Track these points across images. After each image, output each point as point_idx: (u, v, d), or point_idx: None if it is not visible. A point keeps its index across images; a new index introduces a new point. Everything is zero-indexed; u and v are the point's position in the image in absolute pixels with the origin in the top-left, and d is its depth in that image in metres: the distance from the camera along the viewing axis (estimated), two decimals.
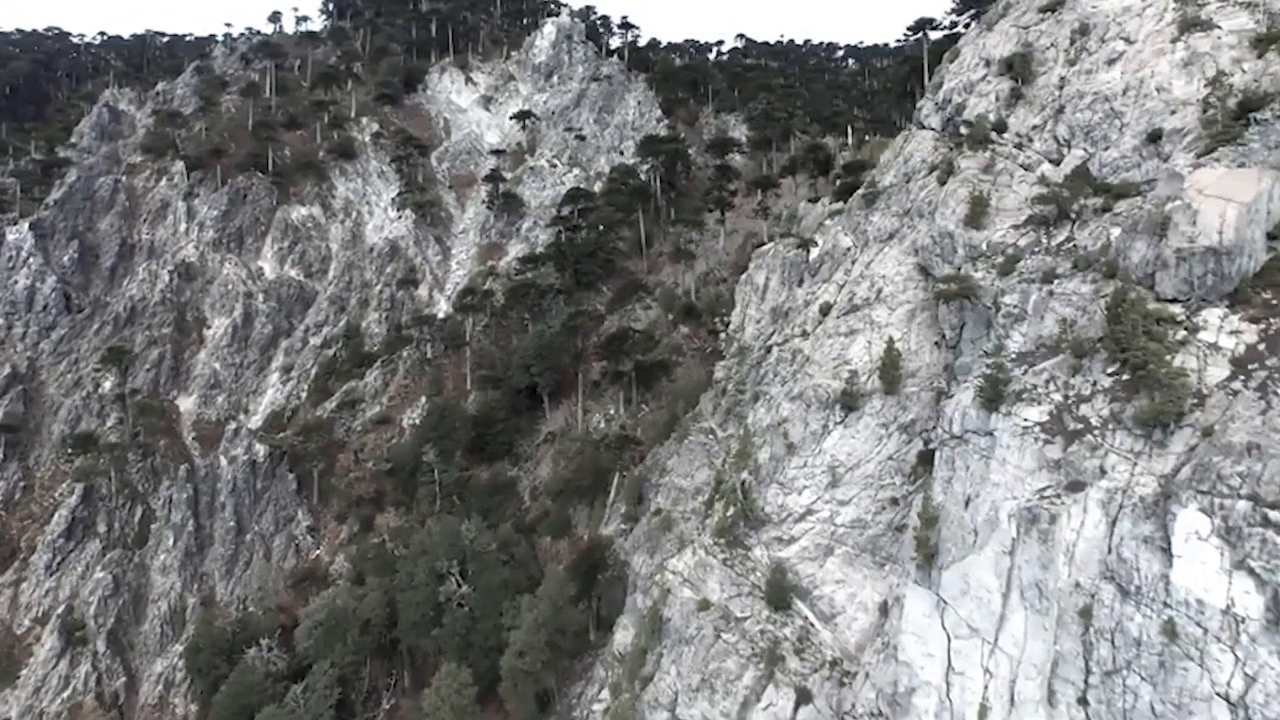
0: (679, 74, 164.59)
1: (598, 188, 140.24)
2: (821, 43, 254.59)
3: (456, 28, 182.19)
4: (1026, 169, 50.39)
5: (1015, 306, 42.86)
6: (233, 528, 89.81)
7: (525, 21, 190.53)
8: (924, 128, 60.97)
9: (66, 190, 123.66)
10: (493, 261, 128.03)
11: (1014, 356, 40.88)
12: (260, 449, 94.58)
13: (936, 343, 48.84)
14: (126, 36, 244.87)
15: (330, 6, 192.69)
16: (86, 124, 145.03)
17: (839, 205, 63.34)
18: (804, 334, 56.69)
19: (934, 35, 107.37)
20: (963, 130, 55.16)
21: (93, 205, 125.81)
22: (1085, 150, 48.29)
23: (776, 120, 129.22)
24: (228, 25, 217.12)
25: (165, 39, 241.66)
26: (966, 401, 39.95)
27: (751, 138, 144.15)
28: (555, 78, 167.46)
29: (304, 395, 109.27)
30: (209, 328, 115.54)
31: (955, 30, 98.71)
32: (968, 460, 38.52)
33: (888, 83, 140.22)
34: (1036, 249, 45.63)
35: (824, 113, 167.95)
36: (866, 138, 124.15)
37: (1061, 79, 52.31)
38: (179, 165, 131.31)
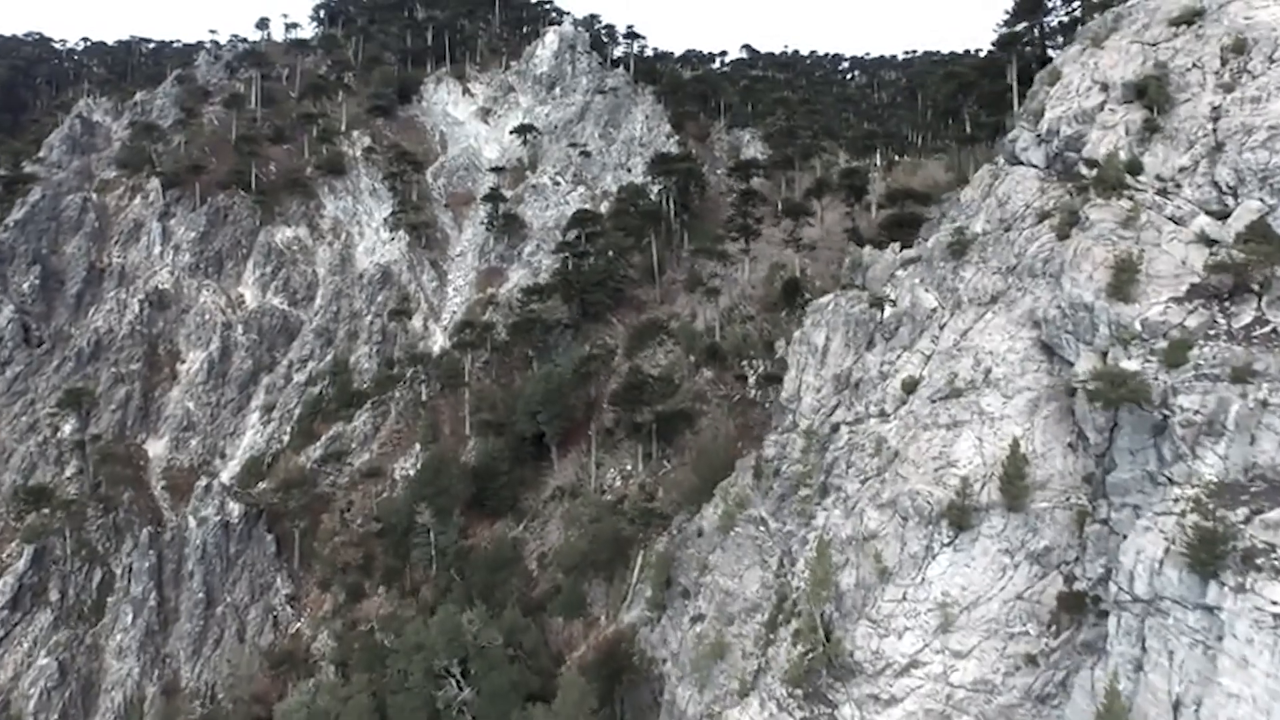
0: (688, 87, 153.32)
1: (604, 208, 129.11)
2: (826, 54, 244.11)
3: (453, 36, 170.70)
4: (1177, 222, 39.50)
5: (1199, 414, 31.92)
6: (201, 599, 78.13)
7: (525, 30, 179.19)
8: (1020, 163, 50.02)
9: (29, 210, 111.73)
10: (493, 288, 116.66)
11: (1214, 488, 29.97)
12: (235, 508, 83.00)
13: (1070, 444, 37.92)
14: (110, 43, 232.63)
15: (321, 13, 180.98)
16: (57, 136, 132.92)
17: (913, 253, 52.39)
18: (883, 414, 45.66)
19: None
20: (1083, 170, 44.26)
21: (59, 226, 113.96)
22: (1264, 201, 37.42)
23: (797, 138, 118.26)
24: (212, 32, 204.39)
25: (150, 45, 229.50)
26: (1155, 552, 29.00)
27: (769, 156, 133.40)
28: (558, 89, 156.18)
29: (286, 439, 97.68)
30: (183, 362, 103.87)
31: (1020, 44, 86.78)
32: (1171, 642, 27.57)
33: (929, 101, 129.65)
34: (1213, 332, 34.75)
35: (836, 127, 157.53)
36: (897, 158, 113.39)
37: (1214, 108, 41.45)
38: (155, 183, 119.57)
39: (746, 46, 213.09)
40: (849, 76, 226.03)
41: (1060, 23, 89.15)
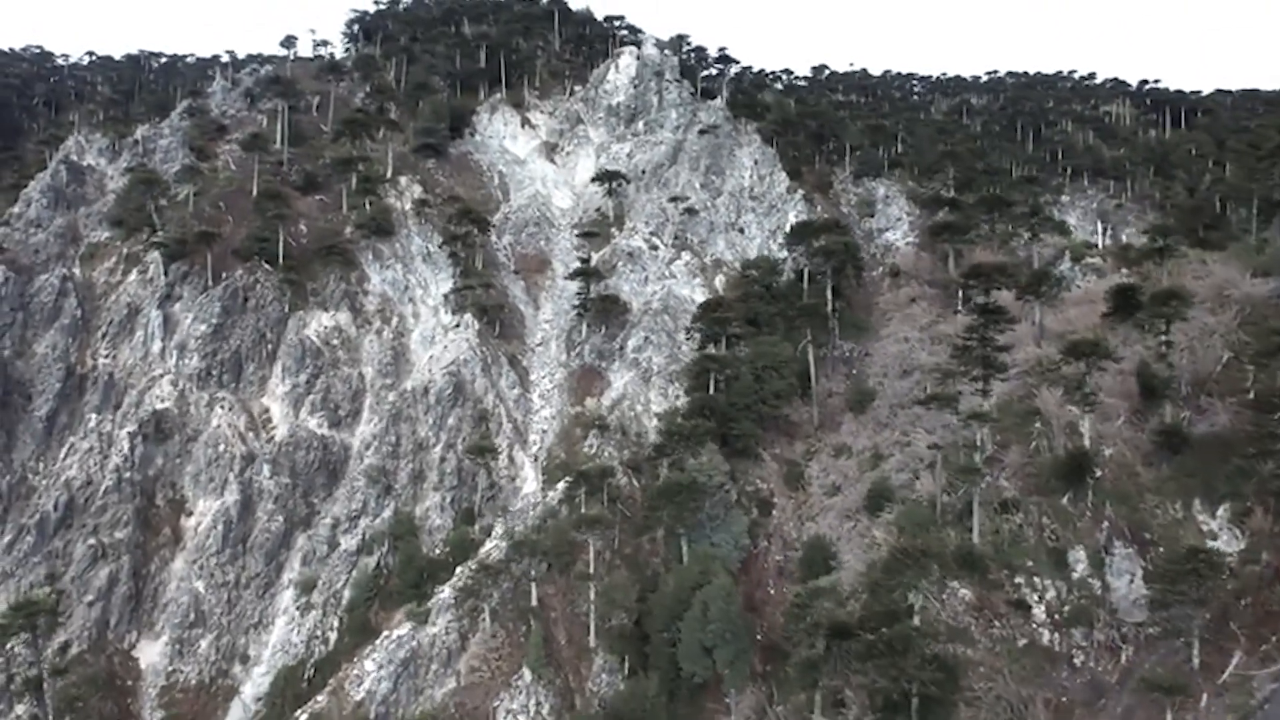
0: (799, 123, 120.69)
1: (718, 283, 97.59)
2: (893, 73, 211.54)
3: (508, 57, 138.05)
4: None
5: None
6: None
7: (591, 49, 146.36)
8: None
9: None
10: (593, 398, 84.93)
11: None
12: None
13: None
14: (117, 57, 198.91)
15: (355, 29, 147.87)
16: (37, 187, 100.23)
17: None
18: None
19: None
20: None
21: (28, 316, 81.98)
22: None
23: (985, 193, 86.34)
24: (229, 53, 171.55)
25: (161, 61, 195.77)
26: None
27: (916, 217, 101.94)
28: (640, 124, 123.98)
29: (334, 636, 66.28)
30: (189, 514, 72.23)
31: None
32: None
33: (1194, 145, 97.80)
34: None
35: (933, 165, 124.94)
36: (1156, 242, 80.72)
37: None
38: (155, 255, 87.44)
39: (824, 67, 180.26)
40: (927, 99, 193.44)
41: None
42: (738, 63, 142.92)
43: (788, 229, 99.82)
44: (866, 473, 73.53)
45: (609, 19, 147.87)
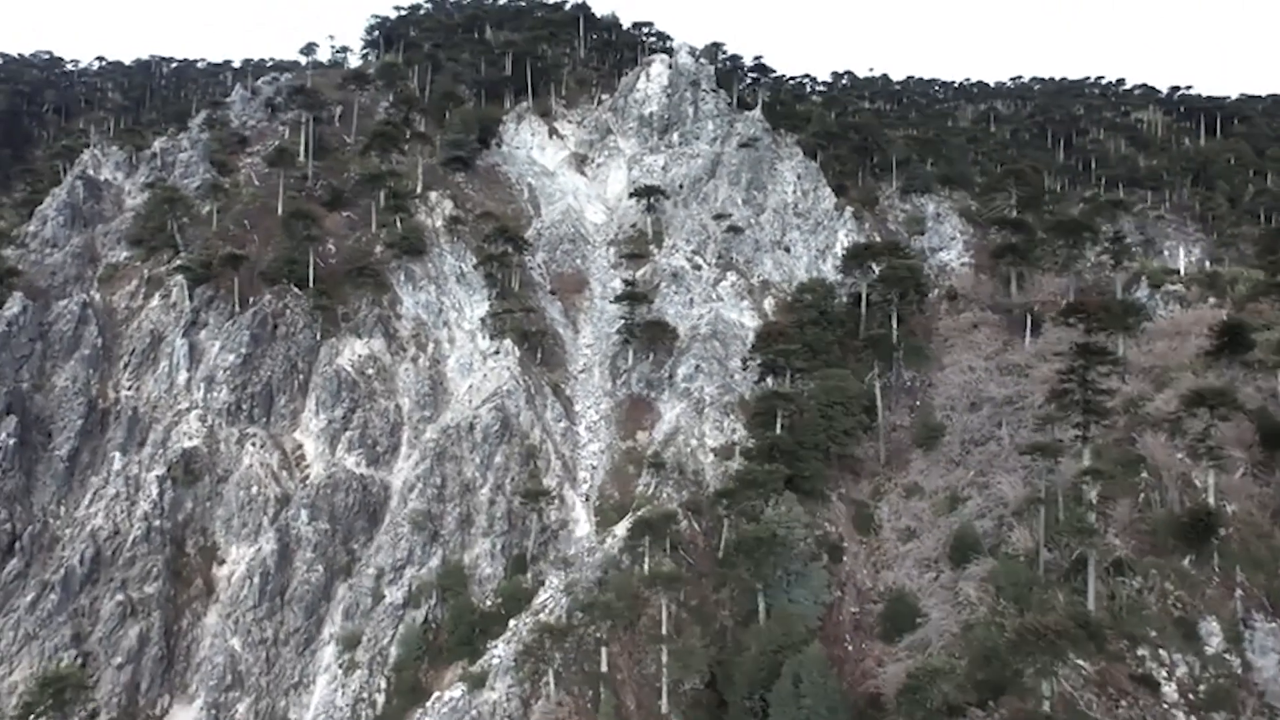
0: (841, 135, 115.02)
1: (767, 305, 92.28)
2: (915, 78, 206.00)
3: (534, 64, 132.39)
4: None
5: None
6: None
7: (618, 56, 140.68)
8: None
9: (6, 329, 74.15)
10: (644, 431, 79.63)
11: None
12: None
13: None
14: (128, 63, 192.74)
15: (376, 35, 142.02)
16: (53, 205, 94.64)
17: None
18: None
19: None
20: None
21: (46, 345, 76.39)
22: None
23: (1059, 217, 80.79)
24: (247, 62, 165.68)
25: (172, 65, 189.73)
26: None
27: (970, 236, 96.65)
28: (674, 135, 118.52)
29: (380, 699, 60.93)
30: (221, 563, 66.83)
31: None
32: None
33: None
34: None
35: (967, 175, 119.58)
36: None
37: None
38: (179, 279, 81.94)
39: (848, 73, 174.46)
40: (953, 105, 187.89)
41: None
42: (774, 71, 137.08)
43: (839, 249, 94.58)
44: (942, 516, 68.39)
45: (636, 25, 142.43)
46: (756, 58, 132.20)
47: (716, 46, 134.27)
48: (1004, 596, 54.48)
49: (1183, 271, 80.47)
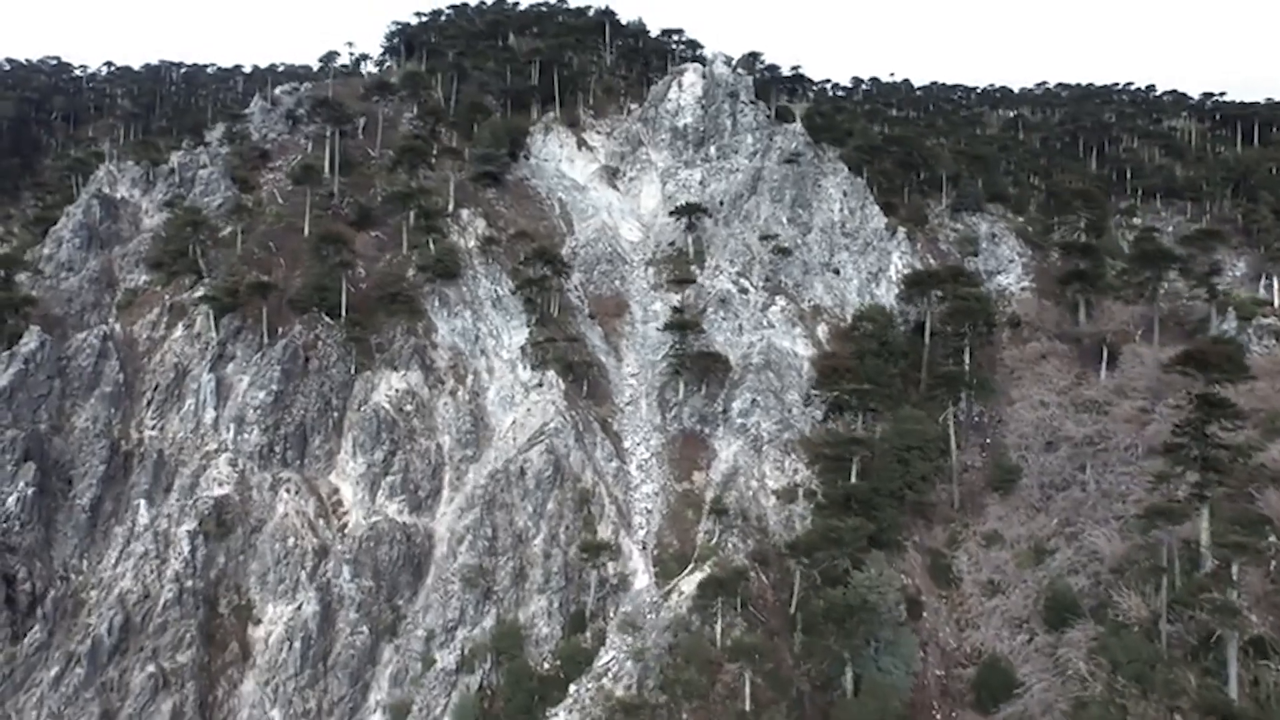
0: (886, 149, 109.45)
1: (820, 333, 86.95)
2: (939, 84, 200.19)
3: (561, 73, 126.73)
4: None
5: None
6: None
7: (647, 65, 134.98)
8: None
9: (22, 369, 68.55)
10: (699, 471, 74.32)
11: None
12: None
13: None
14: (137, 68, 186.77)
15: (396, 42, 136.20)
16: (68, 225, 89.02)
17: None
18: None
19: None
20: None
21: (65, 383, 70.82)
22: None
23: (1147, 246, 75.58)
24: (255, 66, 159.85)
25: (182, 70, 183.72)
26: None
27: (1029, 258, 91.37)
28: (711, 149, 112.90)
29: None
30: (257, 623, 61.47)
31: None
32: None
33: None
34: None
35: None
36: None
37: None
38: (204, 309, 76.44)
39: (874, 80, 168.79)
40: (978, 111, 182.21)
41: None
42: (813, 82, 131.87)
43: (893, 273, 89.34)
44: (1027, 569, 63.37)
45: (665, 32, 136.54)
46: (794, 67, 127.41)
47: (754, 56, 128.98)
48: (1121, 673, 49.39)
49: (1276, 303, 75.56)
